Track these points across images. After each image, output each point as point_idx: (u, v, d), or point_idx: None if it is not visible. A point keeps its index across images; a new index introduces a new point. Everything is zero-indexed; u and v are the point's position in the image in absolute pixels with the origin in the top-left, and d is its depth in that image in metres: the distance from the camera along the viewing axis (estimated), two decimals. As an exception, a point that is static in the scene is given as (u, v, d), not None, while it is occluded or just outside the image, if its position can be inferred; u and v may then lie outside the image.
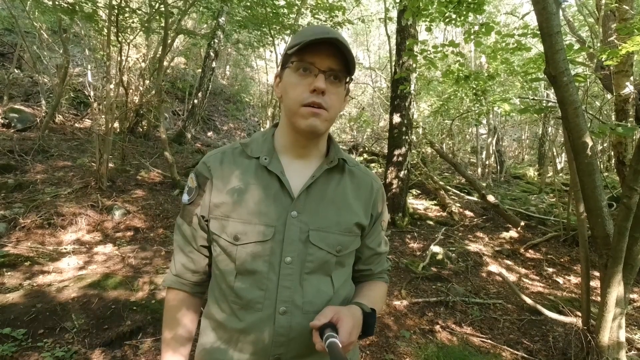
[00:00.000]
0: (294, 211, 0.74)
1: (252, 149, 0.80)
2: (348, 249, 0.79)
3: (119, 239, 3.87)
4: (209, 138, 11.28)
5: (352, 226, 0.79)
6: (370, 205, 0.83)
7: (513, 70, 5.11)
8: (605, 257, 1.92)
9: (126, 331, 2.26)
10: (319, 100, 0.71)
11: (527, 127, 10.94)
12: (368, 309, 0.75)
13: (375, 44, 16.79)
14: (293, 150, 0.79)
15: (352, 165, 0.84)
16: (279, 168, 0.76)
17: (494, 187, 7.24)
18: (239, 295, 0.74)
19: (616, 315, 1.93)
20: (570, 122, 1.92)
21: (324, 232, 0.75)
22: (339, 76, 0.73)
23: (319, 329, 0.65)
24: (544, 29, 1.91)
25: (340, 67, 0.73)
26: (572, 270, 3.77)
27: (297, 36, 0.74)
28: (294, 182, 0.76)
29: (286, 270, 0.73)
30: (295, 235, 0.74)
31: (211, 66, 9.55)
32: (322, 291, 0.76)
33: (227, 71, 17.02)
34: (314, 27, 0.75)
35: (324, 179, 0.78)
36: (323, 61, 0.71)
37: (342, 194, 0.79)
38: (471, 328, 2.59)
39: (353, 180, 0.82)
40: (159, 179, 6.04)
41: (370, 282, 0.89)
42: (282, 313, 0.73)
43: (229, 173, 0.79)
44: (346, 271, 0.83)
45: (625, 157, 4.07)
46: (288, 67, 0.75)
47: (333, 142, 0.84)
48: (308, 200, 0.76)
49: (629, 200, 1.76)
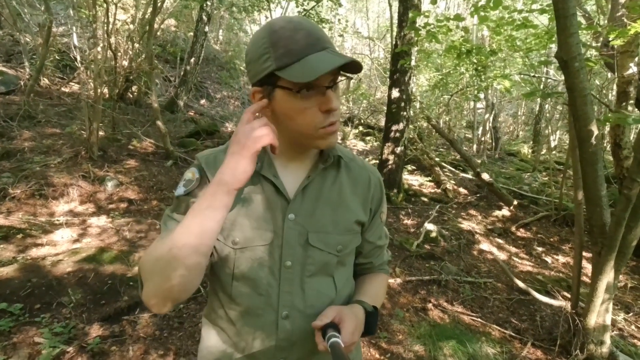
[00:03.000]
0: (291, 214, 0.72)
1: None
2: (349, 248, 0.78)
3: (113, 211, 3.83)
4: (202, 106, 11.00)
5: (352, 224, 0.77)
6: (369, 199, 0.81)
7: (515, 46, 4.98)
8: (600, 245, 1.95)
9: (124, 306, 2.27)
10: (334, 119, 0.66)
11: (523, 103, 10.86)
12: (370, 307, 0.74)
13: (375, 10, 16.17)
14: (286, 154, 0.75)
15: (348, 160, 0.80)
16: (271, 172, 0.73)
17: (488, 164, 7.28)
18: (237, 301, 0.73)
19: (604, 300, 1.99)
20: (578, 110, 1.88)
21: (323, 233, 0.74)
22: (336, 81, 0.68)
23: (321, 329, 0.65)
24: (560, 10, 1.82)
25: (338, 70, 0.66)
26: (560, 250, 3.87)
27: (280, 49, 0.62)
28: (288, 184, 0.74)
29: (286, 274, 0.72)
30: (294, 238, 0.72)
31: (204, 30, 9.14)
32: (324, 293, 0.75)
33: (220, 36, 16.35)
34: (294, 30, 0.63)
35: (319, 178, 0.76)
36: (326, 76, 0.63)
37: (339, 191, 0.77)
38: (462, 307, 2.67)
39: (349, 175, 0.79)
40: (151, 149, 5.92)
41: (371, 275, 0.88)
42: (284, 317, 0.72)
43: None
44: (348, 270, 0.82)
45: (622, 139, 4.07)
46: (280, 88, 0.64)
47: None
48: (304, 201, 0.74)
49: (629, 191, 1.77)
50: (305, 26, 0.65)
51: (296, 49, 0.62)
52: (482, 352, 2.14)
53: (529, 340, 2.28)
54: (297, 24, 0.65)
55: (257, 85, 0.67)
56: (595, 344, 2.03)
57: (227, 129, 9.04)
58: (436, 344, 2.14)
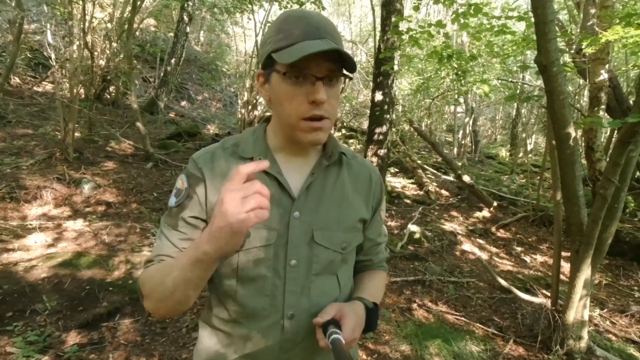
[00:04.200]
0: (296, 212, 0.71)
1: (243, 149, 0.74)
2: (352, 245, 0.78)
3: (90, 214, 3.69)
4: (182, 108, 10.81)
5: (355, 222, 0.77)
6: (371, 197, 0.81)
7: (494, 52, 5.13)
8: (578, 243, 2.02)
9: (103, 312, 2.19)
10: (320, 113, 0.64)
11: (501, 107, 11.20)
12: (370, 304, 0.74)
13: (357, 14, 16.34)
14: (288, 150, 0.74)
15: (350, 158, 0.80)
16: (275, 168, 0.71)
17: (468, 167, 7.45)
18: (241, 303, 0.71)
19: (582, 296, 2.06)
20: (557, 113, 1.95)
21: (328, 231, 0.73)
22: (336, 77, 0.66)
23: (322, 326, 0.65)
24: (539, 16, 1.88)
25: (337, 67, 0.65)
26: (538, 249, 3.99)
27: (284, 34, 0.64)
28: (292, 182, 0.72)
29: (292, 274, 0.71)
30: (299, 237, 0.71)
31: (185, 31, 9.00)
32: (328, 292, 0.75)
33: (201, 37, 16.13)
34: (301, 20, 0.64)
35: (322, 175, 0.75)
36: (320, 66, 0.62)
37: (341, 189, 0.76)
38: (446, 306, 2.70)
39: (351, 172, 0.79)
40: (130, 151, 5.76)
41: (370, 272, 0.88)
42: (289, 318, 0.70)
43: (222, 175, 0.72)
44: (349, 268, 0.82)
45: (594, 142, 4.25)
46: (276, 71, 0.65)
47: (330, 135, 0.77)
48: (309, 199, 0.72)
49: (605, 190, 1.84)
50: (310, 16, 0.65)
51: (294, 35, 0.62)
52: (467, 350, 2.17)
53: (511, 337, 2.33)
54: (304, 13, 0.66)
55: (262, 69, 0.69)
56: (574, 339, 2.09)
57: (208, 130, 8.91)
58: (422, 343, 2.15)
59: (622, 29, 3.17)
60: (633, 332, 2.53)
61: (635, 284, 3.31)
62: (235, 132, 8.25)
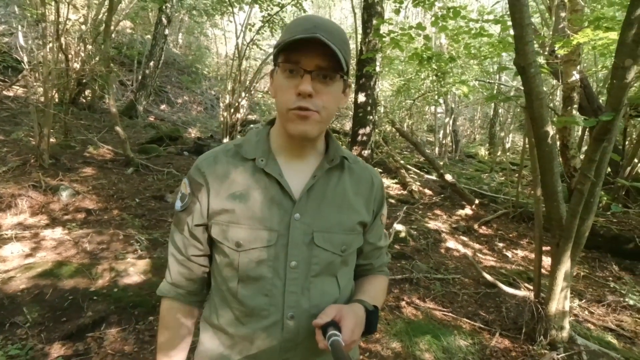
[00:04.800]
0: (297, 213, 0.72)
1: (246, 150, 0.76)
2: (352, 248, 0.78)
3: (69, 222, 3.58)
4: (162, 111, 10.61)
5: (355, 225, 0.77)
6: (372, 201, 0.81)
7: (471, 53, 5.27)
8: (558, 237, 2.10)
9: (88, 323, 2.12)
10: (305, 104, 0.66)
11: (479, 107, 11.50)
12: (370, 306, 0.75)
13: (337, 17, 16.46)
14: (290, 151, 0.75)
15: (352, 162, 0.81)
16: (276, 170, 0.73)
17: (450, 166, 7.62)
18: (242, 302, 0.72)
19: (563, 288, 2.15)
20: (535, 112, 2.02)
21: (328, 233, 0.74)
22: (330, 74, 0.67)
23: (321, 328, 0.65)
24: (517, 19, 1.95)
25: (330, 64, 0.66)
26: (519, 245, 4.12)
27: (285, 31, 0.69)
28: (293, 184, 0.73)
29: (292, 274, 0.72)
30: (300, 238, 0.71)
31: (163, 33, 8.86)
32: (328, 293, 0.75)
33: (179, 39, 15.88)
34: (304, 20, 0.68)
35: (323, 178, 0.76)
36: (309, 60, 0.65)
37: (343, 192, 0.77)
38: (434, 303, 2.76)
39: (352, 176, 0.80)
40: (110, 156, 5.61)
41: (371, 276, 0.89)
42: (289, 318, 0.71)
43: (224, 177, 0.74)
44: (350, 270, 0.83)
45: (568, 140, 4.43)
46: (277, 66, 0.70)
47: (332, 139, 0.80)
48: (309, 201, 0.73)
49: (582, 186, 1.92)
50: (315, 17, 0.69)
51: (294, 31, 0.66)
52: (455, 345, 2.22)
53: (497, 331, 2.40)
54: (311, 15, 0.71)
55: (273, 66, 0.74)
56: (557, 330, 2.18)
57: (190, 134, 8.78)
58: (412, 340, 2.19)
59: (592, 32, 3.33)
60: (610, 321, 2.65)
61: (610, 275, 3.46)
62: (218, 135, 8.16)
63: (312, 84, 0.66)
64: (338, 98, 0.72)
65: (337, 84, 0.69)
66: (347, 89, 0.75)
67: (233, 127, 7.58)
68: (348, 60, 0.69)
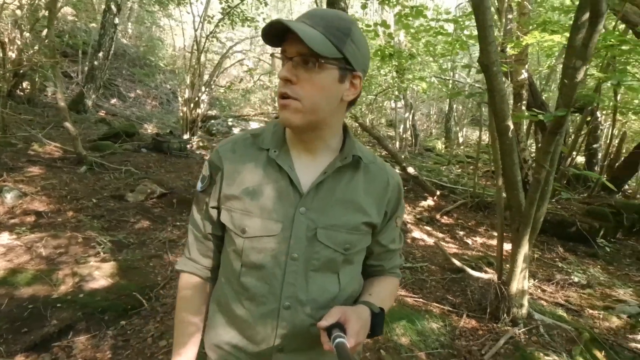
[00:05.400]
0: (303, 207, 0.72)
1: (263, 139, 0.77)
2: (357, 247, 0.78)
3: (17, 227, 3.28)
4: (113, 106, 9.96)
5: (360, 225, 0.76)
6: (385, 202, 0.79)
7: (430, 51, 5.52)
8: (518, 222, 2.29)
9: (53, 332, 1.98)
10: (284, 90, 0.67)
11: (435, 103, 12.05)
12: (377, 309, 0.74)
13: (297, 10, 16.36)
14: (298, 144, 0.76)
15: (368, 162, 0.79)
16: (287, 162, 0.74)
17: (410, 159, 7.92)
18: (244, 286, 0.75)
19: (523, 269, 2.35)
20: (497, 107, 2.18)
21: (332, 231, 0.74)
22: (311, 60, 0.64)
23: (326, 329, 0.65)
24: (480, 21, 2.08)
25: (309, 50, 0.63)
26: (477, 232, 4.41)
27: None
28: (303, 178, 0.74)
29: (292, 266, 0.73)
30: (303, 232, 0.72)
31: (113, 22, 8.29)
32: (327, 289, 0.76)
33: (129, 29, 14.93)
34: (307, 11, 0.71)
35: (334, 176, 0.75)
36: (291, 47, 0.66)
37: (353, 192, 0.76)
38: (405, 290, 2.89)
39: (367, 176, 0.78)
40: (58, 154, 5.20)
41: (381, 277, 0.87)
42: (286, 308, 0.73)
43: (240, 164, 0.76)
44: (355, 268, 0.82)
45: (519, 134, 4.80)
46: None
47: (349, 137, 0.78)
48: (317, 197, 0.74)
49: (538, 175, 2.11)
50: (317, 8, 0.72)
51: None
52: (428, 328, 2.35)
53: (464, 312, 2.57)
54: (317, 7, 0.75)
55: None
56: (517, 307, 2.38)
57: (146, 130, 8.33)
58: (390, 326, 2.29)
59: (539, 34, 3.62)
60: (559, 297, 2.93)
61: (557, 256, 3.82)
62: (177, 131, 7.83)
63: (294, 71, 0.66)
64: (327, 87, 0.67)
65: (326, 72, 0.65)
66: (350, 78, 0.69)
67: (194, 123, 7.33)
68: (340, 45, 0.65)
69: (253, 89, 10.35)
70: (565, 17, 4.23)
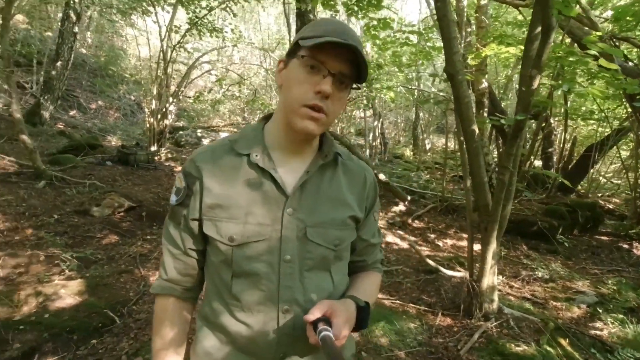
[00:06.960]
0: (290, 208, 0.73)
1: (241, 145, 0.76)
2: (345, 242, 0.80)
3: (-30, 247, 3.05)
4: (73, 118, 9.50)
5: (347, 219, 0.78)
6: (364, 197, 0.82)
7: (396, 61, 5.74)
8: (486, 221, 2.41)
9: (16, 355, 1.86)
10: (321, 104, 0.68)
11: (402, 111, 12.45)
12: (362, 302, 0.75)
13: (265, 22, 16.44)
14: (286, 147, 0.76)
15: (345, 159, 0.83)
16: (270, 165, 0.73)
17: (380, 166, 8.11)
18: (237, 297, 0.73)
19: (492, 265, 2.47)
20: (463, 114, 2.31)
21: (321, 228, 0.75)
22: (347, 81, 0.70)
23: (312, 323, 0.66)
24: (445, 34, 2.22)
25: (350, 73, 0.69)
26: (447, 234, 4.57)
27: (313, 28, 0.71)
28: (287, 179, 0.74)
29: (286, 269, 0.72)
30: (293, 232, 0.73)
31: (72, 31, 7.95)
32: (322, 287, 0.76)
33: (88, 38, 14.36)
34: (333, 22, 0.71)
35: (317, 174, 0.77)
36: (335, 63, 0.67)
37: (337, 188, 0.78)
38: (382, 293, 2.94)
39: (346, 173, 0.81)
40: (13, 169, 4.89)
41: (364, 273, 0.89)
42: (284, 312, 0.72)
43: (219, 172, 0.75)
44: (344, 264, 0.84)
45: (483, 139, 5.07)
46: (297, 58, 0.70)
47: (326, 136, 0.81)
48: (303, 196, 0.74)
49: (503, 176, 2.25)
50: (341, 22, 0.73)
51: (323, 30, 0.68)
52: (406, 327, 2.41)
53: (439, 311, 2.66)
54: (332, 20, 0.74)
55: (286, 57, 0.74)
56: (488, 303, 2.49)
57: (110, 142, 8.00)
58: (369, 327, 2.32)
59: (497, 47, 3.87)
60: (526, 292, 3.10)
61: (522, 254, 4.04)
62: (144, 143, 7.58)
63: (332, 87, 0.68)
64: (343, 105, 0.75)
65: (347, 91, 0.72)
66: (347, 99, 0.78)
67: (161, 134, 7.14)
68: (367, 74, 0.72)
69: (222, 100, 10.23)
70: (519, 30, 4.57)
